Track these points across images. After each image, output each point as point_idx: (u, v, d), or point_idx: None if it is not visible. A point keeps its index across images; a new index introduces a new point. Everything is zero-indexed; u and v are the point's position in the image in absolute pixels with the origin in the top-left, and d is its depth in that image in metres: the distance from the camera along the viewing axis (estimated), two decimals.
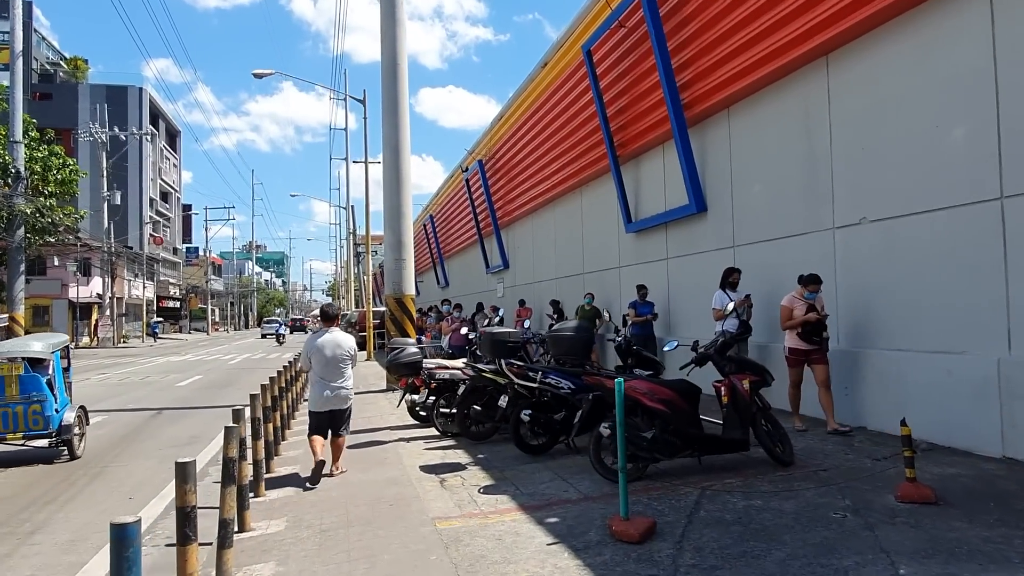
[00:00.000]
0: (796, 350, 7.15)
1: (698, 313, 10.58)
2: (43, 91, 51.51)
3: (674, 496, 5.11)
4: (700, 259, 10.50)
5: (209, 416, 11.42)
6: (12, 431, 7.59)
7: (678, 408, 5.68)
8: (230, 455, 4.25)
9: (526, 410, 6.63)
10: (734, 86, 9.19)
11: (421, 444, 7.90)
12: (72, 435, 7.94)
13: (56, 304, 43.44)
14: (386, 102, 13.43)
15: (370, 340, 23.07)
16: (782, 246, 8.57)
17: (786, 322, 7.17)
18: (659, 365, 6.97)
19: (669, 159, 11.29)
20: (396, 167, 13.47)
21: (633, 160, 12.58)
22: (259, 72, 22.55)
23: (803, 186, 8.21)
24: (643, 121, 11.57)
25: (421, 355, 8.29)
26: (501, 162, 20.34)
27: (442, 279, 32.65)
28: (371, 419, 9.93)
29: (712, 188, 10.19)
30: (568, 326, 5.76)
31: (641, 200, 12.46)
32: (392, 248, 13.63)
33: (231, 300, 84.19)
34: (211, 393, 14.93)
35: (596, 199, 14.60)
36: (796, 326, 7.05)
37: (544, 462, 6.61)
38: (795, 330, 7.08)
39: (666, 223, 11.47)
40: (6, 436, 7.62)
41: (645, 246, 12.38)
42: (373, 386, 14.46)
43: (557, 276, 17.31)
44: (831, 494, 4.98)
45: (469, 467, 6.63)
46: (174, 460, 3.38)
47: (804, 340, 7.03)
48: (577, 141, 14.45)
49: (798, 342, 7.10)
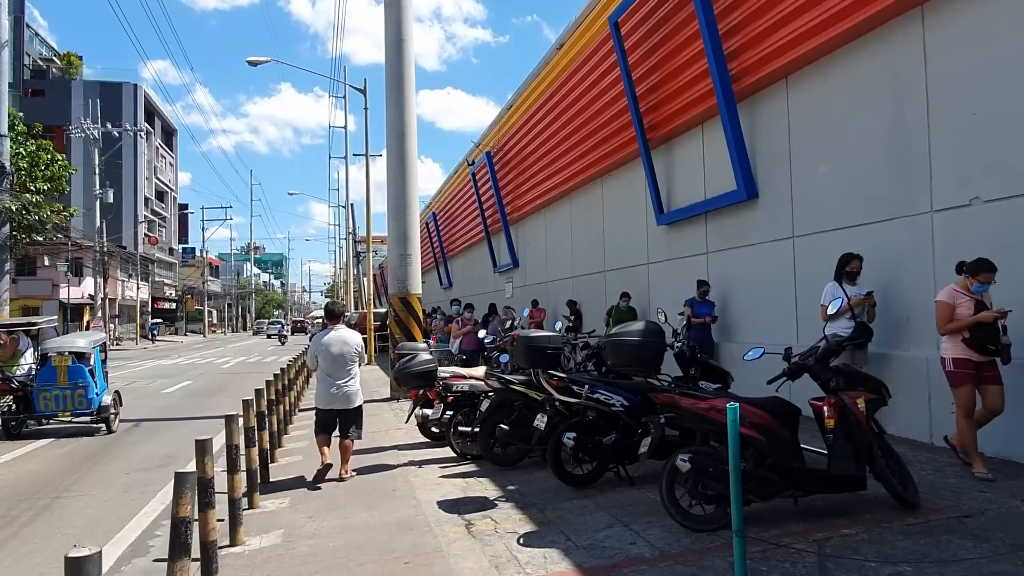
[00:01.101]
0: (964, 362, 5.23)
1: (749, 314, 9.31)
2: (35, 87, 50.30)
3: (784, 557, 3.83)
4: (750, 253, 9.23)
5: (191, 429, 10.10)
6: (62, 410, 9.41)
7: (775, 435, 4.41)
8: (181, 515, 2.98)
9: (570, 432, 5.36)
10: (796, 50, 7.93)
11: (436, 470, 6.62)
12: (108, 414, 9.76)
13: (46, 305, 42.10)
14: (390, 81, 12.16)
15: (371, 343, 21.75)
16: (858, 235, 7.29)
17: (947, 324, 5.29)
18: (728, 376, 5.71)
19: (711, 141, 10.02)
20: (401, 154, 12.21)
21: (665, 145, 11.30)
22: (253, 60, 21.25)
23: (888, 163, 6.94)
24: (679, 99, 10.30)
25: (435, 363, 7.02)
26: (511, 154, 19.05)
27: (445, 279, 31.33)
28: (375, 435, 8.66)
29: (765, 171, 8.92)
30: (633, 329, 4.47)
31: (675, 189, 11.19)
32: (396, 242, 12.36)
33: (229, 302, 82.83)
34: (198, 401, 13.65)
35: (620, 189, 13.33)
36: (963, 329, 5.21)
37: (592, 497, 5.33)
38: (960, 335, 5.25)
39: (706, 213, 10.20)
40: (57, 414, 9.48)
41: (679, 239, 11.11)
42: (375, 394, 13.18)
43: (574, 275, 16.03)
44: (1004, 557, 3.70)
45: (499, 503, 5.36)
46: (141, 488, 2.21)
47: (975, 349, 5.17)
48: (598, 126, 13.18)
49: (965, 351, 5.21)
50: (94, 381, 9.55)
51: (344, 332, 6.48)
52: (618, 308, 11.79)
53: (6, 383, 9.50)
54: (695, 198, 10.43)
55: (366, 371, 18.88)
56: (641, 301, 12.15)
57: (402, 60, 11.99)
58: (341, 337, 6.40)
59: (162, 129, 59.11)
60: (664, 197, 11.33)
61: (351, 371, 6.39)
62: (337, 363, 6.31)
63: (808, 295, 8.09)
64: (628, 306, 11.85)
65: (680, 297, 10.83)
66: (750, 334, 9.22)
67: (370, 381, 15.77)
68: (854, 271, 6.62)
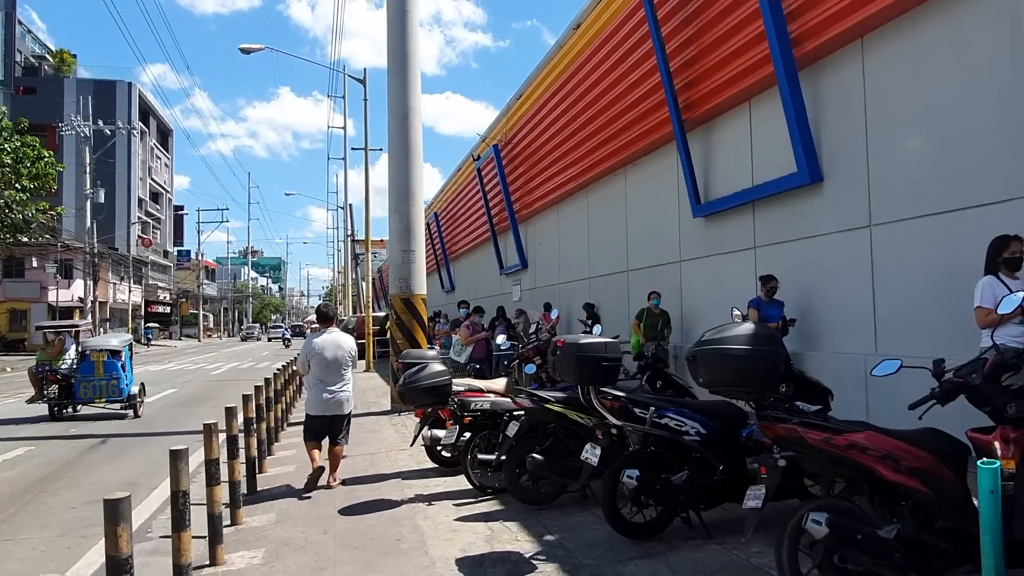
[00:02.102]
0: None
1: (821, 317, 7.98)
2: (27, 85, 49.04)
3: None
4: (812, 246, 7.94)
5: (164, 447, 8.84)
6: (98, 397, 11.22)
7: (943, 484, 3.11)
8: None
9: (631, 469, 4.06)
10: (873, 4, 6.66)
11: (450, 508, 5.31)
12: (135, 401, 11.61)
13: (35, 308, 40.78)
14: (392, 57, 10.89)
15: (369, 348, 20.44)
16: (962, 221, 6.02)
17: None
18: (829, 394, 4.42)
19: (761, 118, 8.75)
20: (404, 139, 10.92)
21: (704, 126, 10.03)
22: (246, 47, 20.00)
23: (1010, 132, 5.66)
24: (723, 72, 9.03)
25: (450, 376, 5.70)
26: (520, 146, 17.77)
27: (447, 282, 30.00)
28: (375, 458, 7.35)
29: (832, 150, 7.64)
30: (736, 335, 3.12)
31: (714, 176, 9.91)
32: (399, 237, 11.06)
33: (225, 306, 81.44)
34: (179, 413, 12.30)
35: (646, 179, 12.05)
36: None
37: (662, 557, 4.03)
38: None
39: (754, 202, 8.93)
40: (94, 400, 11.24)
41: (720, 232, 9.82)
42: (374, 405, 11.85)
43: (590, 275, 14.74)
44: None
45: (538, 563, 4.05)
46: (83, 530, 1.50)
47: None
48: (622, 110, 11.90)
49: None
50: (124, 374, 11.47)
51: (337, 335, 6.16)
52: (650, 311, 10.46)
53: (53, 374, 11.34)
54: (740, 185, 9.15)
55: (365, 379, 17.58)
56: (671, 303, 10.86)
57: (405, 32, 10.72)
58: (335, 341, 6.09)
59: (158, 129, 57.78)
60: (701, 185, 10.05)
61: (345, 376, 6.13)
62: (331, 368, 6.02)
63: (890, 293, 6.81)
64: (659, 305, 10.46)
65: (719, 298, 9.56)
66: (812, 343, 7.92)
67: (368, 391, 14.46)
68: (1016, 256, 4.86)
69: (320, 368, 6.02)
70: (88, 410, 11.79)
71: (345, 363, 6.10)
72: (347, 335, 6.32)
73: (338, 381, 6.06)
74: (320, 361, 6.00)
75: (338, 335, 6.18)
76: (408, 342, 10.78)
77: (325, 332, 6.15)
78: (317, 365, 6.02)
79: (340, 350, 6.06)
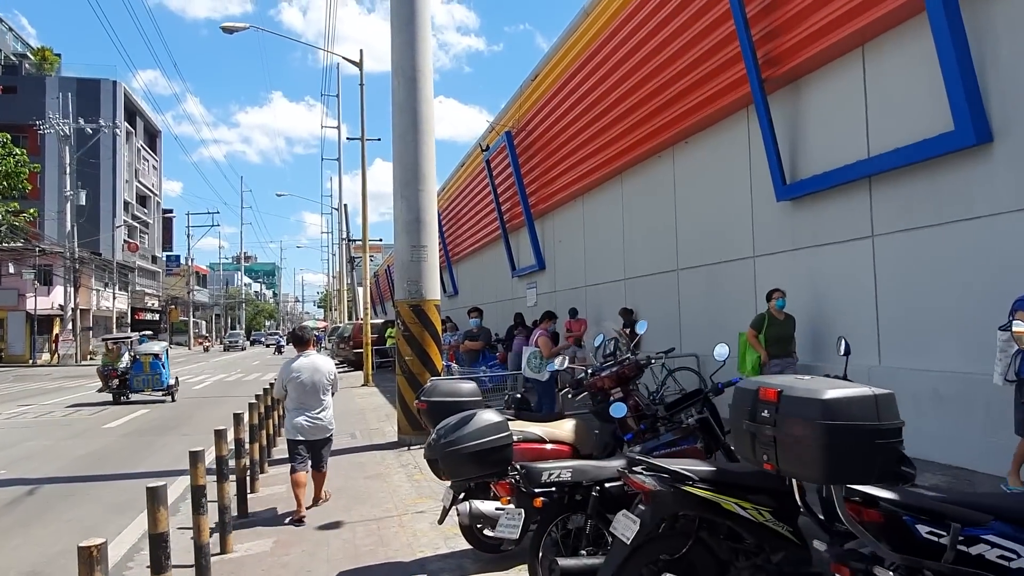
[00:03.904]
0: None
1: (984, 329, 5.90)
2: (7, 84, 46.86)
3: None
4: (969, 230, 5.91)
5: (114, 495, 6.77)
6: (146, 387, 15.24)
7: None
8: None
9: None
10: None
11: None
12: (173, 390, 15.66)
13: (12, 316, 38.47)
14: (396, 8, 8.85)
15: (368, 359, 18.31)
16: None
17: None
18: None
19: (881, 68, 6.74)
20: (412, 107, 8.88)
21: (790, 86, 8.02)
22: (229, 26, 17.92)
23: None
24: (824, 11, 7.02)
25: (510, 433, 3.62)
26: (537, 132, 15.72)
27: (450, 286, 27.91)
28: (383, 528, 5.26)
29: (1007, 99, 5.62)
30: None
31: (806, 147, 7.89)
32: (406, 230, 8.99)
33: (217, 312, 79.07)
34: (143, 443, 10.17)
35: (705, 157, 10.03)
36: None
37: None
38: None
39: (871, 177, 6.90)
40: (144, 390, 15.24)
41: (814, 219, 7.80)
42: (376, 434, 9.78)
43: (626, 276, 12.70)
44: None
45: None
46: None
47: None
48: (673, 77, 9.87)
49: None
50: (164, 371, 15.27)
51: (315, 358, 6.02)
52: (772, 317, 7.60)
53: (115, 372, 15.21)
54: (849, 157, 7.11)
55: (364, 396, 15.45)
56: (739, 309, 8.83)
57: None
58: (312, 364, 5.94)
59: (145, 130, 55.52)
60: (787, 161, 8.03)
61: (324, 401, 5.97)
62: (309, 393, 5.87)
63: None
64: (783, 308, 7.63)
65: (814, 304, 7.54)
66: (976, 363, 5.87)
67: (367, 412, 12.37)
68: None
69: (298, 393, 5.86)
70: (138, 397, 15.50)
71: (324, 387, 5.95)
72: (325, 358, 6.14)
73: (317, 406, 5.92)
74: (297, 386, 5.84)
75: (316, 358, 6.01)
76: (418, 359, 8.72)
77: (302, 356, 5.97)
78: (295, 390, 5.86)
79: (318, 373, 5.91)
